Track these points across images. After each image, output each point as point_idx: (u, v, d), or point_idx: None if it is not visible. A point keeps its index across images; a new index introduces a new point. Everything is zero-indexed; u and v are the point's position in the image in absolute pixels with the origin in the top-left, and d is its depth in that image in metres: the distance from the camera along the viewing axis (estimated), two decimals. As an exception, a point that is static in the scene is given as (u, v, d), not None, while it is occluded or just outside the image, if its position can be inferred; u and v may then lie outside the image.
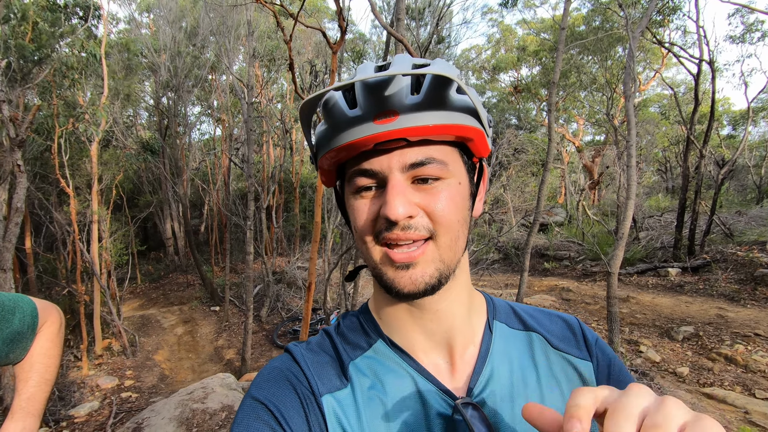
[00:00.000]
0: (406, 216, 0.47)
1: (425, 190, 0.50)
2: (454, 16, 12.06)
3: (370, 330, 0.59)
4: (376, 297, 0.61)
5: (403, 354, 0.56)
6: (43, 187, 9.62)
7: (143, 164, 13.27)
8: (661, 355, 5.75)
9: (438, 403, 0.53)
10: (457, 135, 0.50)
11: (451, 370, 0.57)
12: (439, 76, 0.46)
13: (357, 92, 0.48)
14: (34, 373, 1.00)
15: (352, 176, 0.52)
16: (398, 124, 0.46)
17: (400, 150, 0.49)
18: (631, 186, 2.57)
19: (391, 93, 0.46)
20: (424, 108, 0.47)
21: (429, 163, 0.49)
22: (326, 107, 0.50)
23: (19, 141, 3.97)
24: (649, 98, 19.04)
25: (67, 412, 5.58)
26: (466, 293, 0.58)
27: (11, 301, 0.95)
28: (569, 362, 0.60)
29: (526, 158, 14.28)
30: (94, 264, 7.62)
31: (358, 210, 0.52)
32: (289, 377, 0.54)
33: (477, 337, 0.60)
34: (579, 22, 14.57)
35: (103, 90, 8.36)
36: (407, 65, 0.49)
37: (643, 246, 10.81)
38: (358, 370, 0.56)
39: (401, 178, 0.49)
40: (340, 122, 0.49)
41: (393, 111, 0.46)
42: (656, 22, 9.06)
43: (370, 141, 0.47)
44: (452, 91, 0.48)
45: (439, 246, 0.50)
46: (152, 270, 15.17)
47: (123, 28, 15.53)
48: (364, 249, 0.53)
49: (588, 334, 0.63)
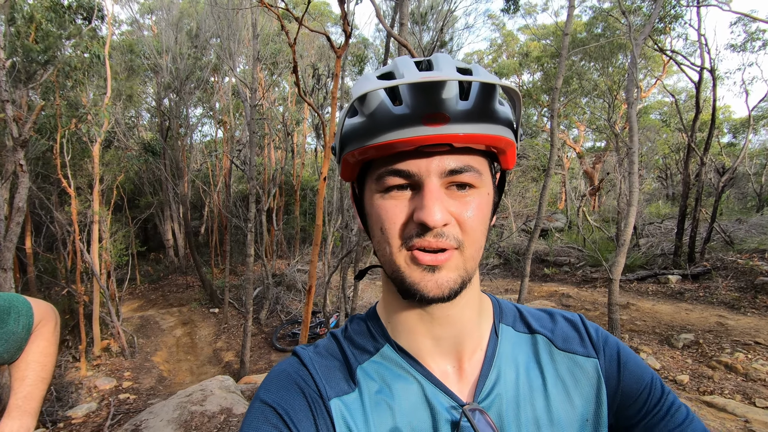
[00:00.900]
0: (443, 223, 0.47)
1: (458, 198, 0.49)
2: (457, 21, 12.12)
3: (377, 334, 0.59)
4: (386, 301, 0.60)
5: (410, 359, 0.56)
6: (45, 186, 9.63)
7: (144, 165, 13.30)
8: (661, 363, 5.73)
9: (445, 409, 0.53)
10: (496, 146, 0.50)
11: (458, 375, 0.56)
12: (487, 84, 0.46)
13: (403, 90, 0.47)
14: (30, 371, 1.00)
15: (383, 175, 0.50)
16: (448, 129, 0.46)
17: (440, 155, 0.48)
18: (633, 193, 2.57)
19: (446, 97, 0.45)
20: (473, 115, 0.46)
21: (467, 171, 0.49)
22: (364, 100, 0.48)
23: (22, 141, 3.98)
24: (650, 105, 19.10)
25: (64, 413, 5.55)
26: (476, 299, 0.58)
27: (6, 301, 0.95)
28: (575, 362, 0.59)
29: (527, 164, 14.29)
30: (94, 264, 7.62)
31: (387, 210, 0.50)
32: (297, 381, 0.53)
33: (484, 341, 0.59)
34: (581, 28, 14.64)
35: (105, 91, 8.40)
36: (453, 68, 0.48)
37: (643, 253, 10.81)
38: (365, 374, 0.55)
39: (438, 183, 0.48)
40: (383, 118, 0.47)
41: (444, 115, 0.46)
42: (658, 29, 9.09)
43: (417, 142, 0.46)
44: (497, 102, 0.48)
45: (464, 256, 0.50)
46: (152, 271, 15.15)
47: (125, 29, 15.59)
48: (387, 251, 0.51)
49: (591, 329, 0.62)
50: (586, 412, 0.56)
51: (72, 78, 7.57)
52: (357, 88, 0.48)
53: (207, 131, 24.45)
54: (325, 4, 17.53)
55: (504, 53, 20.64)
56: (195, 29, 12.98)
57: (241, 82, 8.27)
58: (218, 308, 10.87)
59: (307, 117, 16.47)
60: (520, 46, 19.46)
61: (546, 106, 16.83)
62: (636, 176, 2.59)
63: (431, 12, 8.46)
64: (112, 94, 9.64)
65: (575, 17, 15.42)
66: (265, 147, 14.41)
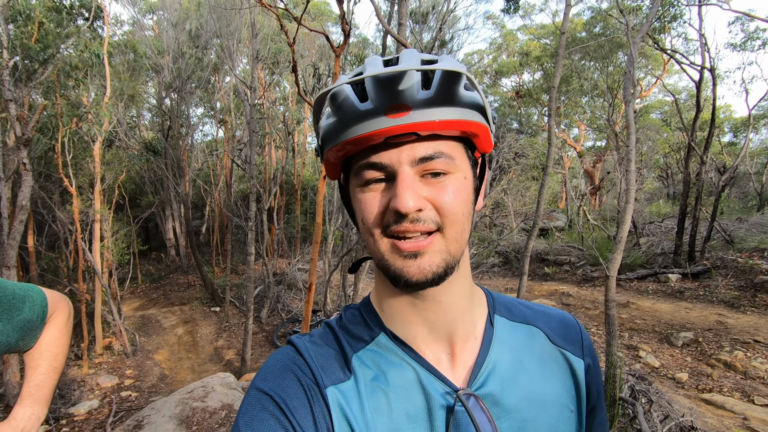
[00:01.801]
0: (416, 209, 0.48)
1: (433, 184, 0.51)
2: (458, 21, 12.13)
3: (372, 323, 0.60)
4: (378, 290, 0.61)
5: (405, 346, 0.57)
6: (47, 186, 9.66)
7: (146, 164, 13.32)
8: (661, 361, 5.75)
9: (440, 394, 0.54)
10: (465, 131, 0.51)
11: (452, 362, 0.58)
12: (449, 71, 0.46)
13: (368, 86, 0.48)
14: (43, 360, 1.03)
15: (360, 169, 0.52)
16: (410, 119, 0.47)
17: (410, 144, 0.49)
18: (630, 191, 2.59)
19: (404, 88, 0.46)
20: (435, 103, 0.48)
21: (438, 158, 0.50)
22: (335, 100, 0.49)
23: (25, 140, 4.01)
24: (651, 104, 19.08)
25: (67, 410, 5.58)
26: (467, 286, 0.59)
27: (22, 290, 0.97)
28: (565, 358, 0.62)
29: (526, 162, 14.31)
30: (96, 263, 7.65)
31: (366, 203, 0.52)
32: (293, 369, 0.54)
33: (478, 330, 0.61)
34: (580, 28, 14.64)
35: (105, 90, 8.43)
36: (416, 60, 0.49)
37: (643, 252, 10.81)
38: (361, 362, 0.56)
39: (410, 171, 0.49)
40: (351, 115, 0.49)
41: (405, 105, 0.47)
42: (657, 28, 9.10)
43: (382, 134, 0.48)
44: (461, 87, 0.49)
45: (446, 238, 0.51)
46: (153, 270, 15.19)
47: (127, 29, 15.62)
48: (371, 241, 0.53)
49: (585, 335, 0.66)
50: (572, 405, 0.60)
51: (73, 77, 7.60)
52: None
53: (208, 131, 24.53)
54: (325, 4, 17.54)
55: (504, 53, 20.65)
56: (196, 29, 13.00)
57: (240, 82, 8.29)
58: (219, 307, 10.90)
59: (308, 116, 16.50)
60: (520, 45, 19.46)
61: (546, 105, 16.84)
62: (633, 174, 2.61)
63: (432, 12, 8.48)
64: (113, 93, 9.67)
65: (575, 16, 15.44)
66: (265, 146, 14.44)
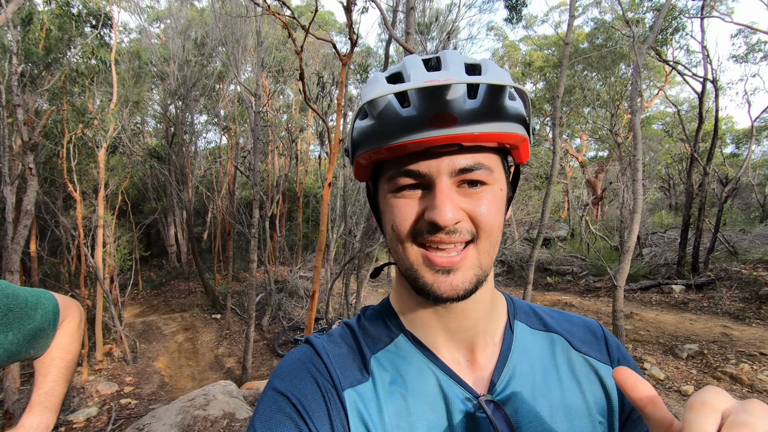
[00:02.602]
0: (455, 222, 0.48)
1: (470, 195, 0.50)
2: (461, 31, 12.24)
3: (392, 325, 0.59)
4: (400, 294, 0.60)
5: (425, 350, 0.56)
6: (51, 191, 9.69)
7: (149, 171, 13.39)
8: (666, 373, 5.69)
9: (460, 400, 0.53)
10: (508, 143, 0.50)
11: (471, 368, 0.56)
12: (494, 86, 0.45)
13: (412, 91, 0.46)
14: (53, 368, 1.01)
15: (395, 176, 0.50)
16: (456, 130, 0.46)
17: (450, 155, 0.48)
18: (637, 200, 2.58)
19: (452, 97, 0.45)
20: (482, 114, 0.46)
21: (478, 169, 0.49)
22: (374, 103, 0.48)
23: (31, 144, 4.03)
24: (653, 115, 19.15)
25: (65, 417, 5.54)
26: (489, 293, 0.58)
27: (34, 296, 0.95)
28: (590, 365, 0.59)
29: (529, 171, 14.33)
30: (98, 269, 7.64)
31: (398, 209, 0.51)
32: (311, 369, 0.53)
33: (497, 336, 0.59)
34: (582, 39, 14.75)
35: (111, 97, 8.49)
36: (460, 65, 0.48)
37: (646, 263, 10.77)
38: (379, 364, 0.55)
39: (449, 182, 0.48)
40: (392, 121, 0.47)
41: (452, 116, 0.45)
42: (659, 40, 9.17)
43: (426, 144, 0.46)
44: (506, 99, 0.48)
45: (479, 250, 0.50)
46: (155, 276, 15.16)
47: (134, 37, 15.80)
48: (400, 249, 0.52)
49: (610, 339, 0.62)
50: (599, 413, 0.56)
51: (79, 84, 7.67)
52: (366, 92, 0.50)
53: (212, 138, 24.65)
54: (329, 14, 17.75)
55: (507, 63, 20.79)
56: (201, 37, 13.14)
57: (245, 90, 8.35)
58: (220, 314, 10.86)
59: (311, 124, 16.59)
60: (523, 56, 19.61)
61: (549, 116, 16.91)
62: (640, 184, 2.60)
63: (435, 23, 8.58)
64: (118, 100, 9.75)
65: (577, 28, 15.58)
66: (269, 154, 14.50)
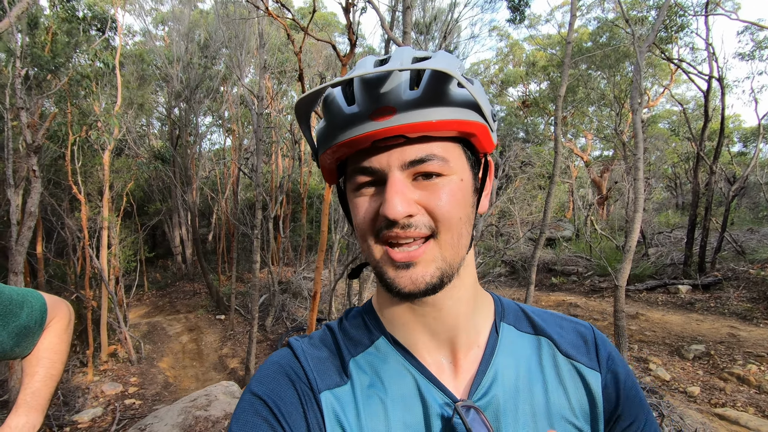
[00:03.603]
0: (406, 215, 0.46)
1: (425, 187, 0.48)
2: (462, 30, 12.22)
3: (372, 327, 0.58)
4: (379, 294, 0.59)
5: (405, 352, 0.55)
6: (56, 193, 9.79)
7: (154, 172, 13.48)
8: (672, 374, 5.63)
9: (438, 404, 0.52)
10: (459, 130, 0.48)
11: (454, 370, 0.55)
12: (436, 71, 0.44)
13: (355, 88, 0.47)
14: (40, 368, 1.00)
15: (352, 174, 0.51)
16: (395, 121, 0.45)
17: (400, 147, 0.47)
18: (638, 199, 2.55)
19: (389, 89, 0.45)
20: (423, 103, 0.45)
21: (429, 160, 0.47)
22: (325, 104, 0.49)
23: (35, 147, 4.07)
24: (659, 114, 19.00)
25: (70, 417, 5.58)
26: (471, 292, 0.57)
27: (20, 295, 0.96)
28: (577, 370, 0.57)
29: (533, 171, 14.28)
30: (103, 270, 7.70)
31: (358, 207, 0.51)
32: (288, 373, 0.53)
33: (482, 338, 0.58)
34: (586, 38, 14.68)
35: (116, 99, 8.56)
36: (407, 58, 0.48)
37: (652, 262, 10.67)
38: (358, 367, 0.55)
39: (401, 175, 0.48)
40: (338, 119, 0.48)
41: (390, 107, 0.45)
42: (664, 38, 9.09)
43: (368, 138, 0.46)
44: (453, 86, 0.47)
45: (440, 244, 0.49)
46: (159, 277, 15.26)
47: (138, 40, 15.92)
48: (365, 247, 0.52)
49: (600, 344, 0.60)
50: (583, 419, 0.55)
51: (84, 87, 7.74)
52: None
53: (216, 139, 24.77)
54: (332, 15, 17.78)
55: (510, 62, 20.74)
56: (205, 39, 13.22)
57: (248, 91, 8.39)
58: (224, 315, 10.91)
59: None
60: (527, 55, 19.55)
61: (553, 115, 16.83)
62: (641, 182, 2.57)
63: (435, 22, 8.55)
64: (123, 102, 9.82)
65: (581, 27, 15.49)
66: (272, 155, 14.54)
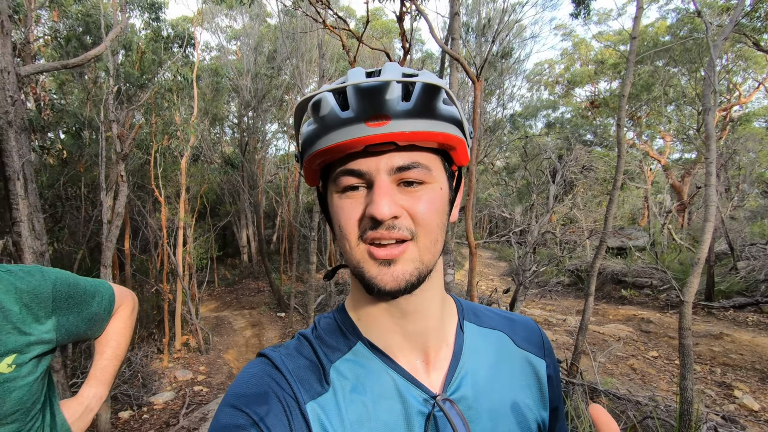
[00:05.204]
0: (392, 216, 0.49)
1: (409, 193, 0.51)
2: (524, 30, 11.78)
3: (348, 332, 0.60)
4: (355, 298, 0.61)
5: (382, 355, 0.57)
6: (141, 195, 10.85)
7: (225, 177, 14.49)
8: (761, 404, 5.00)
9: (418, 401, 0.55)
10: (442, 143, 0.52)
11: (427, 369, 0.58)
12: (429, 84, 0.48)
13: (350, 95, 0.49)
14: (108, 348, 1.18)
15: (339, 176, 0.53)
16: (390, 128, 0.48)
17: (389, 153, 0.50)
18: (709, 207, 2.31)
19: (384, 98, 0.47)
20: (414, 115, 0.49)
21: (414, 168, 0.51)
22: (317, 108, 0.51)
23: (123, 155, 4.59)
24: (753, 111, 16.94)
25: (148, 399, 6.18)
26: (439, 295, 0.60)
27: (93, 286, 1.11)
28: (528, 360, 0.65)
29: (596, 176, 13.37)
30: (178, 266, 8.42)
31: (343, 209, 0.53)
32: (270, 384, 0.53)
33: (450, 338, 0.62)
34: (663, 31, 13.52)
35: (193, 110, 9.37)
36: (397, 74, 0.50)
37: (742, 277, 9.53)
38: (338, 373, 0.56)
39: (388, 180, 0.50)
40: (332, 123, 0.50)
41: (385, 115, 0.48)
42: (757, 28, 8.12)
43: (362, 143, 0.49)
44: (440, 101, 0.50)
45: (419, 247, 0.52)
46: (228, 275, 16.35)
47: (214, 55, 17.28)
48: (347, 247, 0.53)
49: (545, 339, 0.70)
50: (536, 405, 0.63)
51: (167, 99, 8.57)
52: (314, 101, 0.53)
53: (281, 145, 26.11)
54: (392, 21, 18.02)
55: (577, 61, 19.65)
56: (271, 52, 14.03)
57: (310, 99, 8.75)
58: (285, 313, 11.42)
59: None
60: (595, 53, 18.41)
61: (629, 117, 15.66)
62: (713, 188, 2.32)
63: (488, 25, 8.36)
64: (199, 113, 10.72)
65: (659, 20, 14.30)
66: (332, 160, 14.97)
